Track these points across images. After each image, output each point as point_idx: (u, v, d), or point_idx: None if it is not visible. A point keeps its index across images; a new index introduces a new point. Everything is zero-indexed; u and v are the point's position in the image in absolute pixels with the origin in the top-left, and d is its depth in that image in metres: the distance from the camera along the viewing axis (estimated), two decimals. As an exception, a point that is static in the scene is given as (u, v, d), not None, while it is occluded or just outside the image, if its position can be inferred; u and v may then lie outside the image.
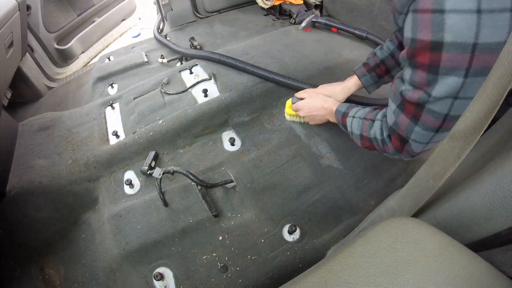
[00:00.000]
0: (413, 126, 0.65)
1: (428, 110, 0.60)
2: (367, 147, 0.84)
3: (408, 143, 0.70)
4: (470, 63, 0.50)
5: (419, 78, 0.58)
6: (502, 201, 0.39)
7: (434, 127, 0.61)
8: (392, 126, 0.71)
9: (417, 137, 0.66)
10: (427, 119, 0.61)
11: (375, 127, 0.79)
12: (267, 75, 1.22)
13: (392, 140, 0.73)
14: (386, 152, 0.78)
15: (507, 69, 0.37)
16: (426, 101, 0.59)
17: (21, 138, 1.21)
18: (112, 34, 2.45)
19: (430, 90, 0.56)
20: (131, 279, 0.85)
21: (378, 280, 0.40)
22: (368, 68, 1.00)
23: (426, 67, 0.55)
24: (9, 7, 1.33)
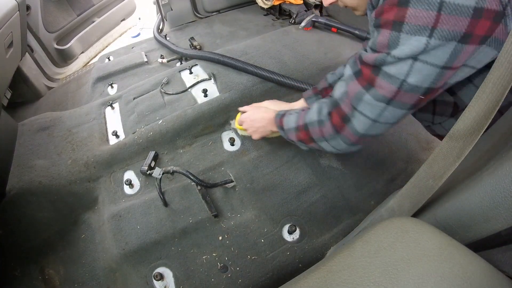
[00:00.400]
0: (364, 94, 0.60)
1: (384, 74, 0.56)
2: (302, 140, 0.79)
3: (350, 122, 0.65)
4: (436, 23, 0.48)
5: (381, 38, 0.55)
6: (502, 201, 0.39)
7: (386, 96, 0.58)
8: (337, 99, 0.67)
9: (365, 108, 0.61)
10: (381, 84, 0.57)
11: (312, 110, 0.74)
12: (267, 75, 1.22)
13: (332, 116, 0.68)
14: (323, 136, 0.72)
15: (507, 69, 0.37)
16: (383, 62, 0.55)
17: (21, 138, 1.20)
18: (112, 34, 2.45)
19: (390, 50, 0.53)
20: (131, 279, 0.85)
21: (378, 280, 0.40)
22: (315, 91, 0.99)
23: (391, 24, 0.52)
24: (9, 7, 1.32)
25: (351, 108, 0.64)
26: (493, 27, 0.48)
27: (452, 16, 0.47)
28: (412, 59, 0.52)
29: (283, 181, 0.98)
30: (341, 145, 0.71)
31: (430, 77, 0.53)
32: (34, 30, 1.77)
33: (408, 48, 0.51)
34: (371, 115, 0.62)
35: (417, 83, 0.54)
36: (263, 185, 0.97)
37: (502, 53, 0.37)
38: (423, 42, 0.49)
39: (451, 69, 0.52)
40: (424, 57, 0.51)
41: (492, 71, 0.39)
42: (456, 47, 0.49)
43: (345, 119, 0.66)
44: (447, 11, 0.47)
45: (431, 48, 0.50)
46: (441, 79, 0.54)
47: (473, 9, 0.46)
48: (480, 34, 0.48)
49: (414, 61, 0.52)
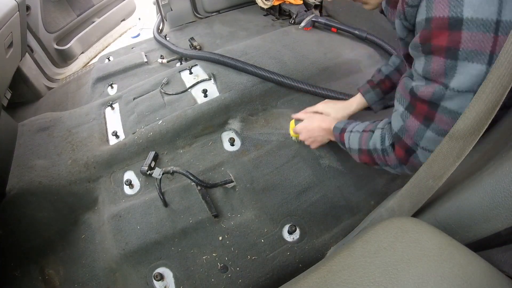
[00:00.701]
0: (424, 131, 0.56)
1: (444, 109, 0.51)
2: (366, 163, 0.77)
3: (415, 153, 0.61)
4: (494, 47, 0.42)
5: (435, 66, 0.49)
6: (502, 201, 0.39)
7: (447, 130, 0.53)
8: (398, 132, 0.63)
9: (428, 144, 0.57)
10: (442, 120, 0.52)
11: (375, 137, 0.71)
12: (267, 75, 1.22)
13: (396, 149, 0.65)
14: (388, 164, 0.69)
15: (507, 68, 0.37)
16: (442, 97, 0.50)
17: (21, 138, 1.20)
18: (111, 34, 2.45)
19: (448, 81, 0.48)
20: (131, 279, 0.85)
21: (378, 280, 0.40)
22: (372, 84, 0.94)
23: (444, 50, 0.46)
24: (9, 7, 1.32)
25: (413, 143, 0.60)
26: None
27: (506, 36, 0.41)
28: (473, 92, 0.46)
29: (283, 181, 0.98)
30: (406, 172, 0.68)
31: None
32: (34, 30, 1.78)
33: (466, 79, 0.46)
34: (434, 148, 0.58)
35: None
36: (263, 185, 0.97)
37: (502, 53, 0.37)
38: (483, 71, 0.44)
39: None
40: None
41: (492, 71, 0.39)
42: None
43: (409, 152, 0.62)
44: (504, 32, 0.41)
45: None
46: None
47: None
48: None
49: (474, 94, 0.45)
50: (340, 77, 1.32)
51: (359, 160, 0.78)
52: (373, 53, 1.44)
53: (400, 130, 0.62)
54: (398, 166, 0.67)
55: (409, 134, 0.60)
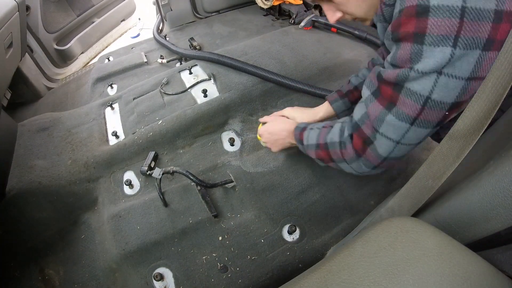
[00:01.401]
0: (386, 114, 0.57)
1: (407, 91, 0.53)
2: (321, 159, 0.77)
3: (372, 144, 0.62)
4: (459, 31, 0.44)
5: (402, 52, 0.51)
6: (502, 201, 0.39)
7: (410, 115, 0.54)
8: (358, 121, 0.64)
9: (387, 129, 0.58)
10: (405, 103, 0.54)
11: (334, 130, 0.72)
12: (266, 75, 1.22)
13: (354, 139, 0.66)
14: (344, 159, 0.70)
15: (506, 68, 0.37)
16: (406, 78, 0.52)
17: (21, 138, 1.20)
18: (111, 34, 2.45)
19: (413, 64, 0.50)
20: (131, 279, 0.85)
21: (377, 280, 0.40)
22: (340, 94, 0.95)
23: (411, 36, 0.49)
24: (9, 7, 1.32)
25: (373, 131, 0.61)
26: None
27: (475, 22, 0.44)
28: (436, 73, 0.48)
29: (283, 181, 0.98)
30: (362, 168, 0.68)
31: (456, 91, 0.50)
32: (34, 31, 1.78)
33: (432, 61, 0.48)
34: (394, 137, 0.58)
35: (442, 99, 0.51)
36: (263, 185, 0.97)
37: (502, 53, 0.37)
38: (448, 53, 0.46)
39: (476, 79, 0.49)
40: (448, 70, 0.48)
41: (492, 71, 0.39)
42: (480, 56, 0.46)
43: (367, 142, 0.63)
44: (469, 17, 0.44)
45: (456, 59, 0.46)
46: (466, 92, 0.50)
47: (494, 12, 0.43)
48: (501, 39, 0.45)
49: (438, 75, 0.49)
50: (339, 77, 1.32)
51: (315, 155, 0.78)
52: (372, 53, 1.44)
53: (361, 118, 0.63)
54: (354, 159, 0.67)
55: (370, 120, 0.61)
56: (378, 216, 0.68)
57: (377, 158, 0.63)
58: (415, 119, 0.54)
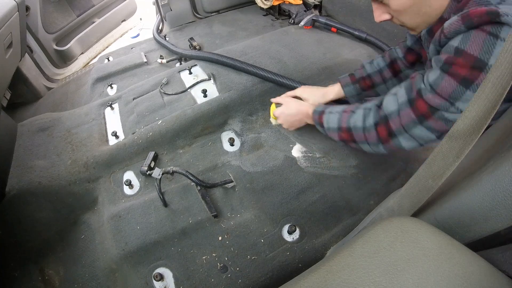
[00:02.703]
0: (417, 124, 0.64)
1: (442, 117, 0.60)
2: (345, 140, 0.83)
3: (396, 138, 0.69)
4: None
5: (445, 84, 0.57)
6: (502, 201, 0.39)
7: (440, 131, 0.62)
8: (388, 115, 0.70)
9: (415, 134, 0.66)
10: (437, 124, 0.62)
11: (356, 115, 0.78)
12: (267, 75, 1.22)
13: (379, 128, 0.72)
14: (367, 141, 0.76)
15: (506, 68, 0.37)
16: (445, 110, 0.59)
17: (20, 138, 1.20)
18: (112, 34, 2.44)
19: (454, 101, 0.57)
20: (131, 279, 0.85)
21: (377, 279, 0.40)
22: (353, 79, 0.99)
23: (460, 78, 0.55)
24: (9, 7, 1.32)
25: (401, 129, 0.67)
26: None
27: None
28: None
29: (283, 181, 0.98)
30: (381, 151, 0.76)
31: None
32: (33, 31, 1.77)
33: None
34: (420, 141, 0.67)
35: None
36: (263, 185, 0.97)
37: (502, 53, 0.37)
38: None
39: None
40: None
41: (492, 71, 0.39)
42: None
43: (392, 135, 0.69)
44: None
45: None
46: None
47: None
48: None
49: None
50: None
51: (338, 138, 0.85)
52: (372, 53, 1.44)
53: (391, 114, 0.69)
54: (376, 144, 0.74)
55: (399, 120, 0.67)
56: (378, 216, 0.68)
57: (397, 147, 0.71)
58: (442, 133, 0.62)
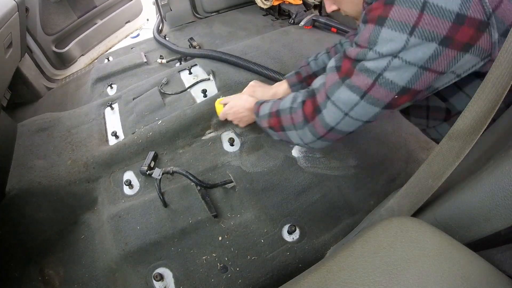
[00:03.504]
0: (340, 84, 0.61)
1: (362, 67, 0.57)
2: (272, 127, 0.81)
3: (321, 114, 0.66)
4: (418, 21, 0.49)
5: (364, 32, 0.56)
6: (502, 200, 0.39)
7: (361, 88, 0.58)
8: (315, 89, 0.69)
9: (338, 98, 0.62)
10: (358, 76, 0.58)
11: (287, 98, 0.77)
12: (269, 73, 1.22)
13: (305, 105, 0.70)
14: (293, 123, 0.73)
15: (506, 68, 0.37)
16: (364, 57, 0.56)
17: (20, 139, 1.20)
18: (116, 35, 2.40)
19: (373, 45, 0.54)
20: (131, 279, 0.85)
21: (377, 279, 0.40)
22: (299, 78, 0.99)
23: (376, 18, 0.53)
24: (8, 7, 1.33)
25: (325, 98, 0.64)
26: (476, 35, 0.49)
27: (434, 17, 0.48)
28: (392, 56, 0.53)
29: (283, 181, 0.98)
30: (308, 137, 0.72)
31: (407, 76, 0.54)
32: (32, 33, 1.77)
33: (387, 43, 0.52)
34: (343, 107, 0.62)
35: (393, 79, 0.55)
36: (263, 185, 0.97)
37: (502, 52, 0.37)
38: (403, 39, 0.50)
39: (431, 71, 0.53)
40: (403, 55, 0.52)
41: (492, 71, 0.39)
42: (437, 49, 0.50)
43: (317, 110, 0.66)
44: (429, 12, 0.48)
45: (411, 46, 0.50)
46: (418, 80, 0.54)
47: (456, 14, 0.47)
48: (462, 40, 0.49)
49: (392, 58, 0.53)
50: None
51: (267, 124, 0.82)
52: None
53: (318, 87, 0.68)
54: (302, 125, 0.71)
55: (325, 88, 0.65)
56: (377, 216, 0.67)
57: (324, 128, 0.67)
58: (365, 93, 0.58)
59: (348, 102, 0.61)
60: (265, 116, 0.82)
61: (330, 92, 0.63)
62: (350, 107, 0.61)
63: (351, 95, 0.60)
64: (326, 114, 0.65)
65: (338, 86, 0.62)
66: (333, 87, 0.63)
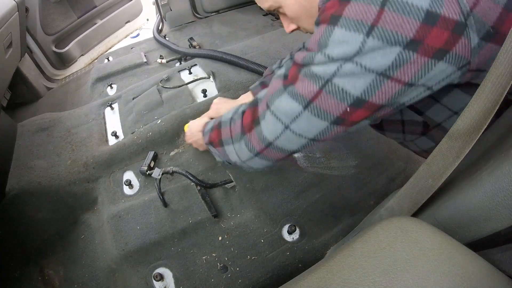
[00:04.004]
0: (282, 92, 0.52)
1: (308, 71, 0.48)
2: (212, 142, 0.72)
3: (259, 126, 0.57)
4: (377, 20, 0.40)
5: (316, 35, 0.47)
6: (502, 200, 0.39)
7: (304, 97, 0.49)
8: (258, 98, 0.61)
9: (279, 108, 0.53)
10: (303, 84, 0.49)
11: (232, 109, 0.69)
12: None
13: (245, 115, 0.61)
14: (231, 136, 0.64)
15: (506, 67, 0.37)
16: (311, 61, 0.47)
17: (20, 139, 1.20)
18: (116, 35, 2.40)
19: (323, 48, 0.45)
20: (131, 279, 0.85)
21: (377, 279, 0.40)
22: (264, 87, 0.91)
23: (328, 18, 0.44)
24: (8, 7, 1.32)
25: (265, 108, 0.56)
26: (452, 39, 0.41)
27: (398, 14, 0.40)
28: (343, 60, 0.44)
29: (283, 181, 0.98)
30: (244, 152, 0.62)
31: (362, 84, 0.44)
32: (32, 33, 1.77)
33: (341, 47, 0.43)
34: (283, 118, 0.53)
35: (344, 87, 0.45)
36: (263, 185, 0.97)
37: (502, 52, 0.37)
38: (359, 40, 0.41)
39: (394, 80, 0.43)
40: (358, 59, 0.43)
41: (492, 70, 0.38)
42: (401, 54, 0.41)
43: (255, 121, 0.58)
44: (392, 8, 0.40)
45: (369, 50, 0.41)
46: (377, 89, 0.44)
47: (425, 12, 0.39)
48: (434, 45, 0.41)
49: (344, 62, 0.43)
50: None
51: (208, 140, 0.74)
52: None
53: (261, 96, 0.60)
54: (239, 138, 0.62)
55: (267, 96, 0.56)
56: (378, 216, 0.67)
57: (260, 142, 0.58)
58: (309, 102, 0.49)
59: (289, 112, 0.51)
60: (208, 131, 0.74)
61: (271, 101, 0.54)
62: (292, 118, 0.52)
63: (293, 103, 0.50)
64: (264, 126, 0.56)
65: (279, 94, 0.53)
66: (274, 96, 0.54)
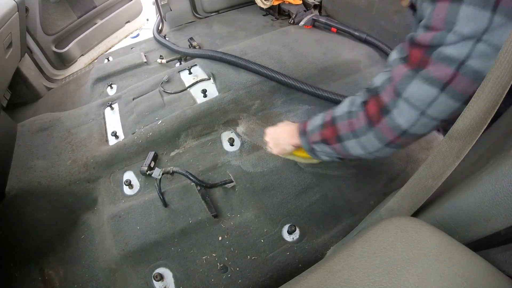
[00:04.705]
0: (413, 77, 0.49)
1: (440, 54, 0.46)
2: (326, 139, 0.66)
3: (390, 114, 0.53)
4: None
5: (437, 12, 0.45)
6: (502, 200, 0.39)
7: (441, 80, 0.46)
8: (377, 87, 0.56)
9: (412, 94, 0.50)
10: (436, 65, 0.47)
11: (343, 103, 0.64)
12: (270, 74, 1.22)
13: (369, 105, 0.57)
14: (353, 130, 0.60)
15: (506, 68, 0.37)
16: (443, 41, 0.45)
17: (20, 139, 1.20)
18: (116, 35, 2.40)
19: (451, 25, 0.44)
20: (131, 279, 0.85)
21: (377, 279, 0.40)
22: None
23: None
24: (8, 7, 1.32)
25: (394, 96, 0.52)
26: None
27: None
28: (475, 39, 0.43)
29: (283, 181, 0.98)
30: (373, 144, 0.58)
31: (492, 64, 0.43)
32: (32, 33, 1.76)
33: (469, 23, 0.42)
34: (419, 104, 0.50)
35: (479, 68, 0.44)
36: (263, 185, 0.97)
37: (502, 53, 0.37)
38: (486, 17, 0.41)
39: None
40: (488, 37, 0.42)
41: (492, 70, 0.38)
42: None
43: (384, 110, 0.54)
44: None
45: (496, 27, 0.41)
46: None
47: None
48: None
49: (476, 42, 0.43)
50: (339, 77, 1.32)
51: (320, 137, 0.68)
52: (372, 53, 1.44)
53: (382, 84, 0.55)
54: (365, 130, 0.58)
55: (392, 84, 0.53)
56: (377, 216, 0.67)
57: (394, 131, 0.54)
58: (446, 84, 0.47)
59: (424, 97, 0.49)
60: (317, 128, 0.68)
61: (401, 88, 0.51)
62: (428, 103, 0.49)
63: (428, 88, 0.48)
64: (398, 114, 0.52)
65: (410, 80, 0.50)
66: (403, 82, 0.51)
